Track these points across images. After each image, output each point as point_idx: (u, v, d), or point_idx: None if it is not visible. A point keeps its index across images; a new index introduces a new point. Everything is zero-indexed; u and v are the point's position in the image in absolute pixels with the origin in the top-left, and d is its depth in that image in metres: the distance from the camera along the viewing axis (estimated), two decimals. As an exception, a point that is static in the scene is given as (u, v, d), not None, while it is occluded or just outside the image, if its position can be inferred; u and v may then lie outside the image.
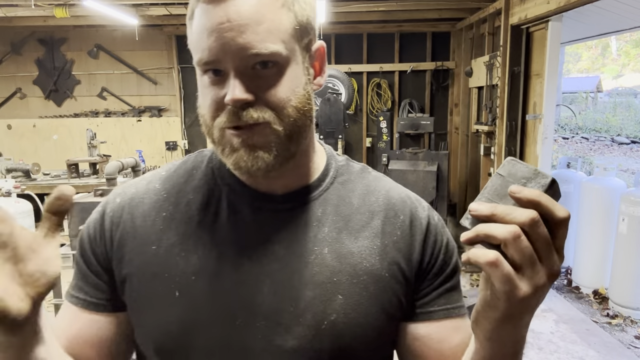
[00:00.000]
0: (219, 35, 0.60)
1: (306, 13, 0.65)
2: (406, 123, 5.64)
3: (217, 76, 0.63)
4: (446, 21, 6.09)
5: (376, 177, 0.78)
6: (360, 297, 0.67)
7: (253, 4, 0.60)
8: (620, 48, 28.92)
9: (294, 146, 0.66)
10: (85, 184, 5.06)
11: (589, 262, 4.34)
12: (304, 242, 0.69)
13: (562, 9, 3.52)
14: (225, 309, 0.66)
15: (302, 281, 0.67)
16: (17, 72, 6.50)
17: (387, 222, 0.72)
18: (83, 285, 0.72)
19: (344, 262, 0.68)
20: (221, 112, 0.64)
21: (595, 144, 14.81)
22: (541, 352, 3.31)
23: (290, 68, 0.63)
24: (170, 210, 0.71)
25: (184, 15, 4.45)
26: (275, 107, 0.63)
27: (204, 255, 0.68)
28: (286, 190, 0.71)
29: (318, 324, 0.66)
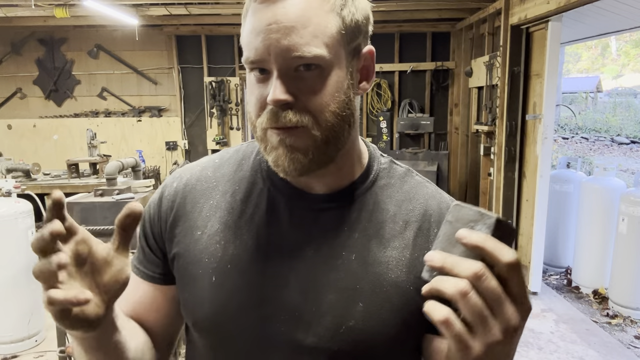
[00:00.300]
0: (265, 35, 0.61)
1: (355, 17, 0.65)
2: (406, 123, 5.65)
3: (263, 74, 0.64)
4: (446, 21, 6.10)
5: (418, 183, 0.77)
6: (382, 307, 0.68)
7: (301, 7, 0.61)
8: (620, 48, 28.93)
9: (332, 150, 0.67)
10: (85, 184, 5.06)
11: (588, 262, 4.34)
12: (333, 245, 0.70)
13: (562, 9, 3.52)
14: (252, 299, 0.70)
15: (325, 284, 0.69)
16: (17, 72, 6.50)
17: (420, 234, 0.72)
18: (143, 259, 0.80)
19: (370, 270, 0.69)
20: (263, 111, 0.65)
21: (595, 144, 14.81)
22: (541, 352, 3.32)
23: (333, 72, 0.64)
24: (217, 199, 0.75)
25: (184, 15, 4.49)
26: (314, 112, 0.64)
27: (240, 246, 0.72)
28: (325, 191, 0.73)
29: (337, 327, 0.67)
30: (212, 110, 6.42)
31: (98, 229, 2.73)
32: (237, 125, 6.46)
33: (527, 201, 4.40)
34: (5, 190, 3.31)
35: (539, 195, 4.15)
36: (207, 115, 6.46)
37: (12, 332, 3.29)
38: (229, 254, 0.72)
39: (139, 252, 0.81)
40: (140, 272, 0.79)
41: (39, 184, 5.10)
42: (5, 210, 3.24)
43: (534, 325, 3.70)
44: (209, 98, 6.40)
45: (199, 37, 6.29)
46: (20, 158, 5.84)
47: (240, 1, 4.93)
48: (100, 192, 2.91)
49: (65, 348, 2.71)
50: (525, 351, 3.32)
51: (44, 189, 5.04)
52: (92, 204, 2.77)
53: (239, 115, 6.46)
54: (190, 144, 6.60)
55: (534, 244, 4.23)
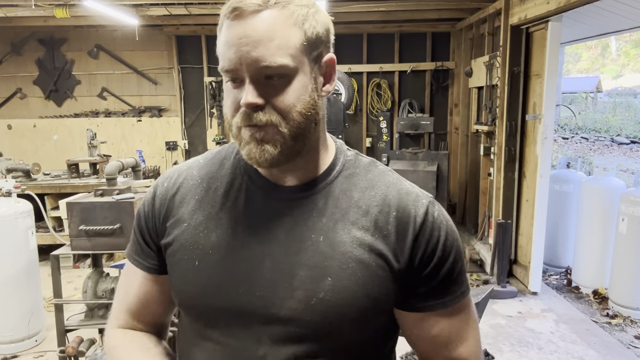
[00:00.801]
0: (237, 48, 0.71)
1: (316, 30, 0.75)
2: (406, 123, 5.64)
3: (236, 82, 0.75)
4: (446, 21, 6.10)
5: (381, 172, 0.86)
6: (348, 281, 0.77)
7: (267, 23, 0.71)
8: (620, 48, 28.92)
9: (299, 145, 0.77)
10: (85, 184, 5.06)
11: (588, 262, 4.34)
12: (303, 229, 0.80)
13: (562, 9, 3.52)
14: (232, 279, 0.80)
15: (297, 262, 0.78)
16: (17, 72, 6.50)
17: (380, 217, 0.80)
18: (140, 252, 0.91)
19: (337, 249, 0.78)
20: (237, 112, 0.75)
21: (595, 144, 14.81)
22: (541, 352, 3.32)
23: (297, 78, 0.74)
24: (202, 195, 0.86)
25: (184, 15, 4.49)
26: (282, 112, 0.74)
27: (221, 234, 0.82)
28: (296, 183, 0.82)
29: (308, 299, 0.76)
30: (212, 110, 6.42)
31: (98, 229, 2.72)
32: (237, 125, 6.45)
33: (527, 201, 4.40)
34: (5, 190, 3.31)
35: (539, 195, 4.15)
36: (207, 115, 6.46)
37: (12, 332, 3.29)
38: (210, 241, 0.82)
39: (136, 246, 0.92)
40: (139, 264, 0.91)
41: (39, 184, 5.09)
42: (5, 210, 3.24)
43: (534, 325, 3.70)
44: (209, 98, 6.40)
45: (199, 37, 6.29)
46: (20, 158, 5.84)
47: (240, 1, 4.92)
48: (100, 192, 2.91)
49: (65, 348, 2.71)
50: (525, 351, 3.32)
51: (44, 189, 5.04)
52: (92, 204, 2.77)
53: (239, 115, 6.45)
54: (190, 144, 6.60)
55: (534, 244, 4.23)
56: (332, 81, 0.81)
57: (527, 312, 3.93)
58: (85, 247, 2.78)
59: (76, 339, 2.74)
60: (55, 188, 5.12)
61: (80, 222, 2.75)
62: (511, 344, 3.41)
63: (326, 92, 0.80)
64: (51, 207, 5.12)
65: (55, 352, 3.00)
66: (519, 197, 4.57)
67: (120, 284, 0.96)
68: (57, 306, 2.83)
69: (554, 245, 4.84)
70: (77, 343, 2.72)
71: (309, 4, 0.76)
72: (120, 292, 0.95)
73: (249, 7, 0.71)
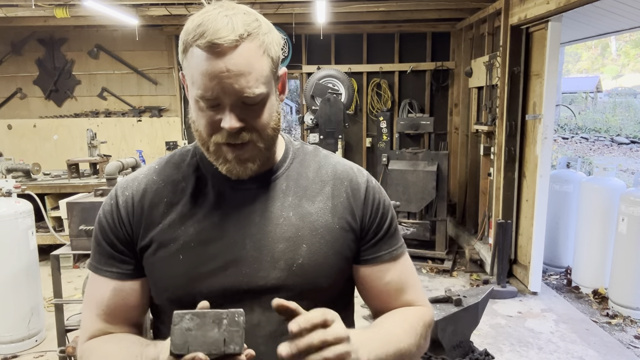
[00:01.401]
0: (219, 81, 0.79)
1: (277, 52, 0.86)
2: (406, 123, 5.64)
3: (213, 106, 0.83)
4: (446, 21, 6.09)
5: (326, 155, 1.03)
6: (320, 244, 0.91)
7: (245, 57, 0.80)
8: (620, 48, 28.92)
9: (270, 153, 0.92)
10: (85, 184, 5.06)
11: (588, 262, 4.34)
12: (273, 209, 0.92)
13: (562, 9, 3.52)
14: (218, 264, 0.88)
15: (274, 238, 0.90)
16: (17, 72, 6.50)
17: (335, 188, 0.96)
18: (113, 262, 0.93)
19: (306, 220, 0.92)
20: (217, 132, 0.84)
21: (594, 144, 14.82)
22: (541, 352, 3.32)
23: (269, 100, 0.86)
24: (170, 196, 0.93)
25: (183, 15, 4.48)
26: (259, 130, 0.86)
27: (199, 227, 0.90)
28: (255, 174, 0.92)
29: (289, 267, 0.89)
30: (212, 110, 6.42)
31: (98, 229, 2.72)
32: (237, 125, 6.45)
33: (527, 201, 4.40)
34: (6, 190, 3.31)
35: (538, 195, 4.15)
36: (207, 115, 6.45)
37: (12, 332, 3.30)
38: (189, 234, 0.90)
39: (105, 257, 0.94)
40: (111, 274, 0.93)
41: (39, 184, 5.10)
42: (5, 210, 3.24)
43: (534, 325, 3.70)
44: (209, 98, 6.39)
45: (199, 37, 6.28)
46: (20, 158, 5.84)
47: (240, 1, 4.92)
48: (100, 192, 2.91)
49: (65, 348, 2.71)
50: (525, 351, 3.32)
51: (44, 189, 5.04)
52: (92, 204, 2.77)
53: (239, 115, 6.46)
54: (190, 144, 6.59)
55: (534, 244, 4.23)
56: (285, 90, 0.94)
57: (527, 312, 3.93)
58: (85, 247, 2.79)
59: (76, 339, 2.74)
60: (55, 188, 5.12)
61: (80, 222, 2.75)
62: (511, 344, 3.41)
63: (281, 99, 0.92)
64: (51, 207, 5.13)
65: (55, 352, 3.00)
66: (519, 197, 4.57)
67: (89, 298, 0.96)
68: (57, 306, 2.83)
69: (554, 245, 4.85)
70: (77, 343, 2.71)
71: (269, 29, 0.85)
72: (91, 305, 0.95)
73: (227, 42, 0.78)
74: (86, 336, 0.94)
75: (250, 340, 0.86)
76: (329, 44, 6.25)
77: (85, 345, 0.93)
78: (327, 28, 5.80)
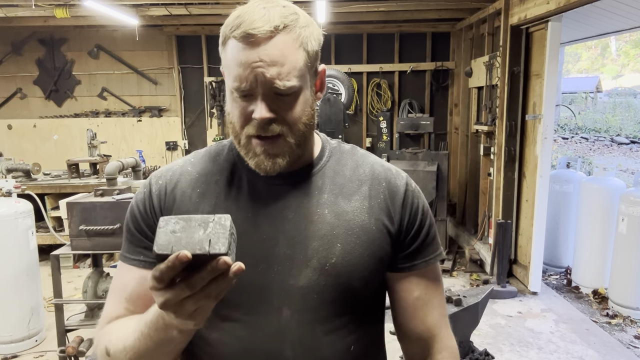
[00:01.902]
0: (252, 70, 0.79)
1: (314, 48, 0.85)
2: (406, 123, 5.64)
3: (246, 97, 0.82)
4: (446, 21, 6.09)
5: (363, 154, 1.00)
6: (355, 244, 0.88)
7: (279, 48, 0.80)
8: (620, 48, 28.92)
9: (301, 150, 0.88)
10: (85, 183, 5.06)
11: (588, 262, 4.34)
12: (308, 206, 0.89)
13: (562, 9, 3.52)
14: (250, 259, 0.82)
15: (308, 236, 0.87)
16: (17, 72, 6.50)
17: (373, 188, 0.93)
18: (142, 250, 0.92)
19: (341, 219, 0.89)
20: (248, 123, 0.83)
21: (594, 144, 14.82)
22: (541, 352, 3.32)
23: (302, 94, 0.84)
24: (203, 188, 0.92)
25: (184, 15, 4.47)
26: (290, 124, 0.84)
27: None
28: (291, 170, 0.90)
29: (322, 266, 0.86)
30: (212, 110, 6.43)
31: (98, 229, 2.73)
32: (237, 125, 6.45)
33: (527, 201, 4.40)
34: (6, 190, 3.32)
35: (538, 195, 4.15)
36: (207, 115, 6.46)
37: (12, 332, 3.30)
38: None
39: (134, 246, 0.92)
40: (140, 263, 0.91)
41: (39, 184, 5.10)
42: (5, 210, 3.24)
43: (534, 325, 3.70)
44: (209, 98, 6.40)
45: (199, 37, 6.29)
46: (20, 158, 5.84)
47: (240, 1, 4.92)
48: (100, 192, 2.91)
49: (65, 348, 2.71)
50: (525, 351, 3.32)
51: (44, 189, 5.04)
52: (92, 204, 2.77)
53: (239, 115, 6.45)
54: (190, 144, 6.59)
55: (533, 244, 4.23)
56: (323, 89, 0.92)
57: (527, 312, 3.93)
58: (85, 247, 2.79)
59: (76, 339, 2.75)
60: (55, 188, 5.12)
61: (81, 222, 2.75)
62: (511, 344, 3.41)
63: (318, 98, 0.91)
64: (51, 207, 5.12)
65: (55, 352, 3.00)
66: (518, 197, 4.57)
67: (114, 287, 0.94)
68: (57, 306, 2.83)
69: (554, 245, 4.85)
70: (77, 343, 2.72)
71: (308, 23, 0.85)
72: (115, 293, 0.93)
73: (262, 33, 0.79)
74: (105, 322, 0.91)
75: (275, 345, 0.85)
76: (329, 44, 6.25)
77: (103, 329, 0.90)
78: (327, 28, 5.80)
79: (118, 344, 0.82)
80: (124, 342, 0.80)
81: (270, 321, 0.85)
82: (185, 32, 6.27)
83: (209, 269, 0.62)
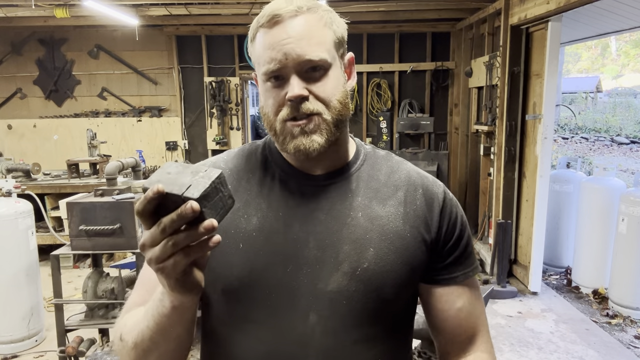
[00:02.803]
0: (281, 47, 0.79)
1: (340, 31, 0.87)
2: (406, 123, 5.64)
3: (278, 81, 0.82)
4: (446, 21, 6.10)
5: (399, 161, 0.97)
6: (388, 250, 0.84)
7: (304, 24, 0.81)
8: (620, 48, 28.92)
9: (338, 131, 0.85)
10: (85, 183, 5.06)
11: (588, 262, 4.34)
12: (341, 208, 0.87)
13: (562, 9, 3.52)
14: (279, 258, 0.83)
15: (340, 239, 0.84)
16: (17, 72, 6.50)
17: (409, 194, 0.90)
18: None
19: (375, 223, 0.86)
20: (282, 107, 0.82)
21: (594, 144, 14.81)
22: (541, 352, 3.32)
23: (333, 71, 0.83)
24: (235, 184, 0.90)
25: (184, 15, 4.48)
26: (324, 101, 0.82)
27: (262, 218, 0.86)
28: (324, 172, 0.90)
29: (353, 270, 0.83)
30: (212, 110, 6.42)
31: (98, 229, 2.73)
32: (237, 125, 6.45)
33: (527, 201, 4.40)
34: (5, 190, 3.32)
35: (538, 195, 4.15)
36: (207, 115, 6.46)
37: (12, 332, 3.30)
38: (252, 224, 0.86)
39: None
40: None
41: (39, 184, 5.10)
42: (5, 210, 3.24)
43: (534, 325, 3.70)
44: (209, 98, 6.40)
45: (199, 37, 6.29)
46: (20, 158, 5.85)
47: (240, 1, 4.92)
48: (100, 192, 2.91)
49: (65, 348, 2.71)
50: (525, 351, 3.32)
51: (44, 189, 5.04)
52: (92, 204, 2.77)
53: (239, 115, 6.46)
54: (190, 144, 6.59)
55: (533, 244, 4.23)
56: (353, 77, 0.91)
57: (527, 312, 3.93)
58: (85, 247, 2.79)
59: (76, 339, 2.75)
60: (55, 188, 5.12)
61: (80, 222, 2.75)
62: (511, 344, 3.41)
63: (349, 86, 0.89)
64: (51, 207, 5.13)
65: (55, 352, 3.00)
66: (519, 197, 4.57)
67: (139, 281, 0.92)
68: (57, 306, 2.83)
69: (554, 245, 4.84)
70: (77, 343, 2.72)
71: (330, 10, 0.87)
72: (139, 286, 0.90)
73: (287, 12, 0.80)
74: (125, 312, 0.89)
75: (299, 351, 0.82)
76: (329, 44, 6.24)
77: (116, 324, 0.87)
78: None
79: (131, 329, 0.80)
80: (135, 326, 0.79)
81: (296, 326, 0.82)
82: (185, 32, 6.27)
83: (178, 212, 0.60)
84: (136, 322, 0.79)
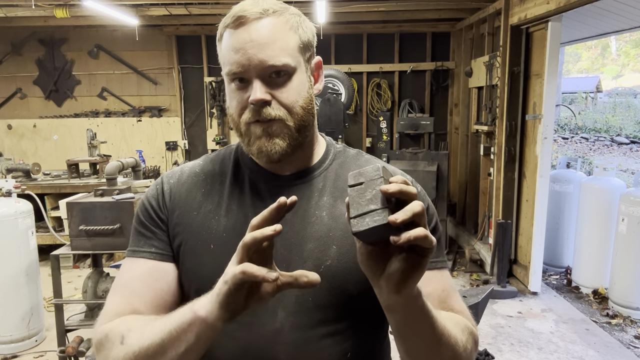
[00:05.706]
0: (244, 51, 0.81)
1: (307, 35, 0.87)
2: (406, 123, 5.64)
3: (242, 83, 0.83)
4: (446, 21, 6.09)
5: (368, 160, 0.99)
6: (351, 247, 0.85)
7: (269, 28, 0.82)
8: (620, 48, 28.92)
9: (302, 137, 0.87)
10: (85, 183, 5.06)
11: (588, 262, 4.34)
12: (307, 208, 0.89)
13: (562, 9, 3.52)
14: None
15: (304, 237, 0.87)
16: (17, 72, 6.50)
17: None
18: (152, 242, 0.92)
19: (339, 221, 0.88)
20: (245, 110, 0.84)
21: (595, 144, 14.81)
22: (541, 352, 3.32)
23: (297, 76, 0.84)
24: (207, 188, 0.94)
25: (184, 15, 4.48)
26: (287, 107, 0.84)
27: (232, 219, 0.89)
28: (293, 172, 0.92)
29: (317, 268, 0.85)
30: (212, 110, 6.42)
31: (98, 229, 2.73)
32: (237, 125, 6.44)
33: (527, 201, 4.40)
34: (5, 190, 3.32)
35: (539, 196, 4.15)
36: (207, 115, 6.46)
37: (12, 332, 3.30)
38: (222, 225, 0.89)
39: (145, 238, 0.92)
40: (152, 254, 0.91)
41: (39, 184, 5.10)
42: (5, 210, 3.24)
43: (534, 325, 3.70)
44: (209, 98, 6.40)
45: (199, 37, 6.29)
46: (20, 158, 5.85)
47: (240, 1, 4.92)
48: (100, 192, 2.91)
49: (65, 348, 2.71)
50: (525, 351, 3.32)
51: (44, 189, 5.04)
52: (92, 204, 2.77)
53: (239, 115, 6.45)
54: (190, 144, 6.59)
55: (533, 244, 4.23)
56: (320, 81, 0.92)
57: (527, 312, 3.93)
58: (85, 247, 2.79)
59: (76, 339, 2.75)
60: (55, 188, 5.12)
61: (80, 222, 2.75)
62: (511, 344, 3.41)
63: (317, 90, 0.91)
64: (51, 207, 5.12)
65: (55, 352, 3.00)
66: (519, 197, 4.57)
67: (119, 282, 0.91)
68: (57, 306, 2.83)
69: (554, 245, 4.84)
70: (77, 343, 2.72)
71: (299, 13, 0.88)
72: (119, 287, 0.90)
73: (252, 15, 0.81)
74: (108, 318, 0.85)
75: (270, 347, 0.84)
76: (329, 44, 6.25)
77: (108, 325, 0.83)
78: (327, 28, 5.80)
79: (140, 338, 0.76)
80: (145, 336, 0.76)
81: (266, 322, 0.85)
82: (185, 32, 6.27)
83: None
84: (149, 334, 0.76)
